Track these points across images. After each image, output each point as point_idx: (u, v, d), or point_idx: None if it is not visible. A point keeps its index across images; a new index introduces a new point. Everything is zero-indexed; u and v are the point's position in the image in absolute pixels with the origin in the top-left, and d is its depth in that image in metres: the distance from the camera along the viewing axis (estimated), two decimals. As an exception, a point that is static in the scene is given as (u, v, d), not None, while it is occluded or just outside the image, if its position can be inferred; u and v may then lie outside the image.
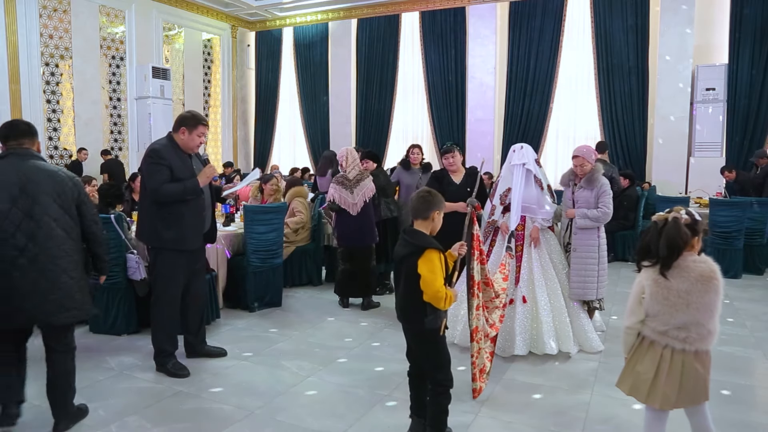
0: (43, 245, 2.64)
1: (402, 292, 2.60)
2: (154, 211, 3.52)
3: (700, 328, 2.19)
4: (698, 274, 2.17)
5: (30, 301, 2.63)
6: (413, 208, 2.64)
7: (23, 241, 2.62)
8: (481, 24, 10.46)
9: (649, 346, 2.28)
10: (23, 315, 2.65)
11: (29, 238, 2.63)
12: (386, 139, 11.50)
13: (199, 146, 3.65)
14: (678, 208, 2.28)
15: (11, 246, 2.60)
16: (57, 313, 2.68)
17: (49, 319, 2.69)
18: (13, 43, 8.60)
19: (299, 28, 12.40)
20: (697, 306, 2.17)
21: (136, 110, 10.57)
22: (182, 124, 3.55)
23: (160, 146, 3.54)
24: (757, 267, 6.62)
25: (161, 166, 3.44)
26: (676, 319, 2.19)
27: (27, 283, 2.62)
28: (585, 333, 4.02)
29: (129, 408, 3.15)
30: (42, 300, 2.64)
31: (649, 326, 2.27)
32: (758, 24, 8.51)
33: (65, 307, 2.70)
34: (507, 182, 4.13)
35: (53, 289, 2.66)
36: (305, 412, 3.13)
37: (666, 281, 2.19)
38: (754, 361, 3.93)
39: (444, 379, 2.61)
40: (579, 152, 4.15)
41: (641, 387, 2.28)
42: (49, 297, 2.65)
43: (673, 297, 2.18)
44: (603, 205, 4.03)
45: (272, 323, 4.75)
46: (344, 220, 5.09)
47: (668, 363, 2.22)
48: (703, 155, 8.99)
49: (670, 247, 2.17)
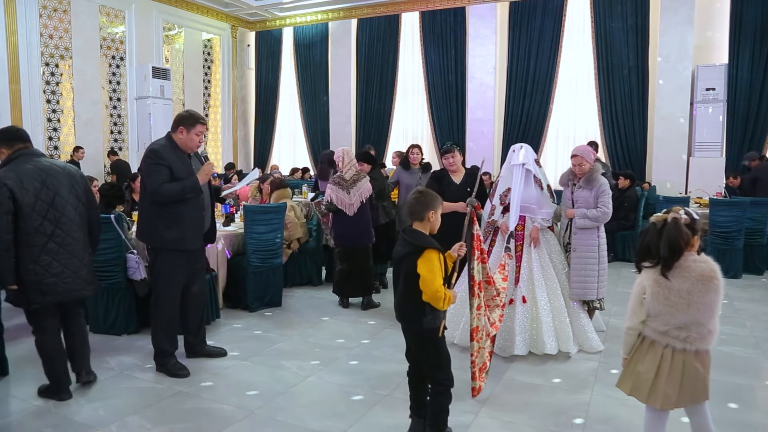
0: (68, 230, 3.14)
1: (401, 291, 2.60)
2: (154, 211, 3.52)
3: (701, 328, 2.20)
4: (699, 274, 2.17)
5: (63, 279, 3.11)
6: (409, 211, 2.65)
7: (51, 228, 3.07)
8: (481, 24, 10.45)
9: (650, 346, 2.28)
10: (60, 291, 3.11)
11: (55, 224, 3.09)
12: (386, 139, 11.50)
13: (198, 146, 3.65)
14: (676, 208, 2.28)
15: (41, 233, 3.04)
16: (87, 286, 3.24)
17: (80, 292, 3.22)
18: (13, 43, 8.59)
19: (299, 28, 12.40)
20: (698, 306, 2.17)
21: (136, 110, 10.57)
22: (180, 124, 3.56)
23: (159, 146, 3.54)
24: (757, 267, 6.62)
25: (160, 166, 3.44)
26: (676, 319, 2.19)
27: (59, 264, 3.09)
28: (585, 333, 4.02)
29: (129, 408, 3.15)
30: (75, 276, 3.15)
31: (650, 326, 2.27)
32: (758, 24, 8.50)
33: (89, 281, 3.26)
34: (507, 182, 4.12)
35: (81, 266, 3.19)
36: (305, 412, 3.13)
37: (667, 281, 2.20)
38: (754, 361, 3.93)
39: (444, 378, 2.61)
40: (578, 151, 4.15)
41: (642, 387, 2.28)
42: (79, 273, 3.18)
43: (674, 297, 2.18)
44: (602, 204, 4.02)
45: (272, 323, 4.75)
46: (341, 221, 5.09)
47: (669, 363, 2.23)
48: (703, 155, 8.99)
49: (672, 247, 2.18)
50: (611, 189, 4.24)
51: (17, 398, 3.29)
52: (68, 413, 3.08)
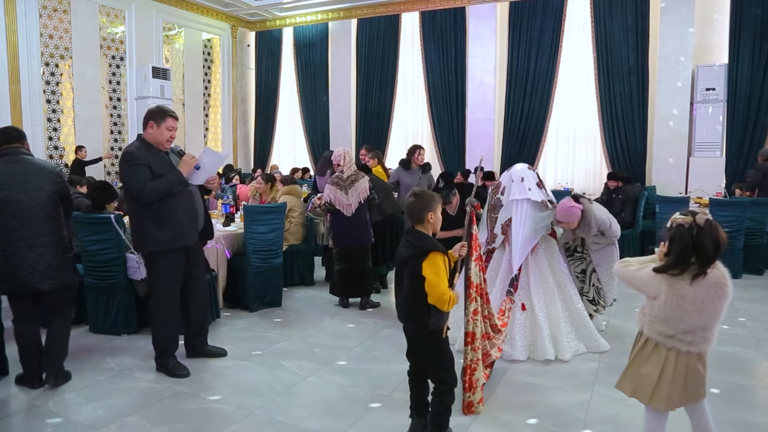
0: (29, 226, 3.25)
1: (405, 293, 2.59)
2: (145, 215, 3.44)
3: (706, 333, 2.20)
4: (713, 281, 2.15)
5: (20, 271, 3.23)
6: (409, 215, 2.64)
7: (17, 224, 3.22)
8: (481, 24, 10.45)
9: (654, 349, 2.26)
10: (18, 282, 3.26)
11: (18, 218, 3.23)
12: (386, 139, 11.50)
13: (170, 140, 3.53)
14: (695, 211, 2.25)
15: (9, 228, 3.22)
16: (43, 281, 3.28)
17: (35, 286, 3.27)
18: (13, 43, 8.59)
19: (299, 28, 12.40)
20: (709, 312, 2.16)
21: (136, 110, 10.55)
22: (150, 119, 3.48)
23: (133, 148, 3.47)
24: (757, 267, 6.62)
25: (138, 166, 3.37)
26: (685, 323, 2.18)
27: (18, 257, 3.22)
28: (591, 333, 4.02)
29: (129, 408, 3.15)
30: (31, 270, 3.24)
31: (655, 329, 2.24)
32: (758, 24, 8.50)
33: (47, 276, 3.29)
34: (508, 212, 4.00)
35: (40, 261, 3.26)
36: (305, 412, 3.13)
37: (684, 290, 2.15)
38: (754, 361, 3.93)
39: (449, 378, 2.61)
40: (560, 217, 4.04)
41: (645, 389, 2.27)
42: (37, 267, 3.25)
43: (687, 305, 2.15)
44: (610, 236, 4.16)
45: (272, 323, 4.75)
46: (339, 221, 5.08)
47: (673, 365, 2.22)
48: (703, 155, 8.99)
49: (717, 249, 2.12)
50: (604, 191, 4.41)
51: (17, 398, 3.29)
52: (68, 413, 3.08)
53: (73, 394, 3.32)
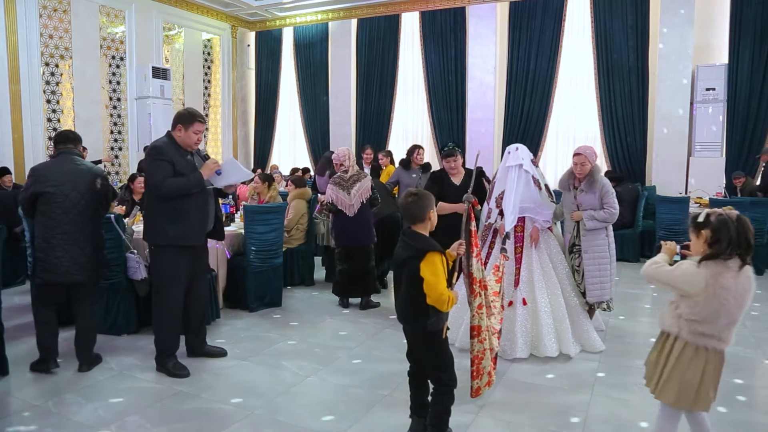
0: (75, 221, 3.51)
1: (403, 294, 2.59)
2: (159, 208, 3.54)
3: (733, 328, 2.22)
4: (748, 275, 2.20)
5: (63, 262, 3.47)
6: (408, 215, 2.63)
7: (64, 219, 3.48)
8: (481, 24, 10.45)
9: (695, 353, 2.23)
10: (60, 273, 3.50)
11: (66, 213, 3.48)
12: (386, 139, 11.49)
13: (197, 143, 3.67)
14: (726, 208, 2.31)
15: (57, 221, 3.47)
16: (83, 273, 3.54)
17: (76, 277, 3.52)
18: (13, 43, 8.59)
19: (299, 28, 12.39)
20: (743, 306, 2.19)
21: (136, 110, 10.55)
22: (178, 122, 3.59)
23: (161, 143, 3.59)
24: (757, 267, 6.61)
25: (162, 161, 3.48)
26: (724, 319, 2.18)
27: (62, 249, 3.47)
28: (587, 333, 4.02)
29: (129, 408, 3.15)
30: (72, 262, 3.49)
31: (697, 330, 2.21)
32: (758, 24, 8.49)
33: (86, 269, 3.55)
34: (502, 185, 4.02)
35: (81, 254, 3.51)
36: (305, 412, 3.13)
37: (727, 282, 2.16)
38: (754, 361, 3.93)
39: (448, 379, 2.61)
40: (581, 150, 4.11)
41: (688, 395, 2.24)
42: (78, 260, 3.51)
43: (731, 298, 2.15)
44: (608, 205, 4.04)
45: (272, 323, 4.75)
46: (341, 221, 5.08)
47: (713, 365, 2.23)
48: (703, 155, 8.97)
49: (753, 240, 2.23)
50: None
51: (17, 398, 3.29)
52: (68, 413, 3.09)
53: (73, 394, 3.32)
